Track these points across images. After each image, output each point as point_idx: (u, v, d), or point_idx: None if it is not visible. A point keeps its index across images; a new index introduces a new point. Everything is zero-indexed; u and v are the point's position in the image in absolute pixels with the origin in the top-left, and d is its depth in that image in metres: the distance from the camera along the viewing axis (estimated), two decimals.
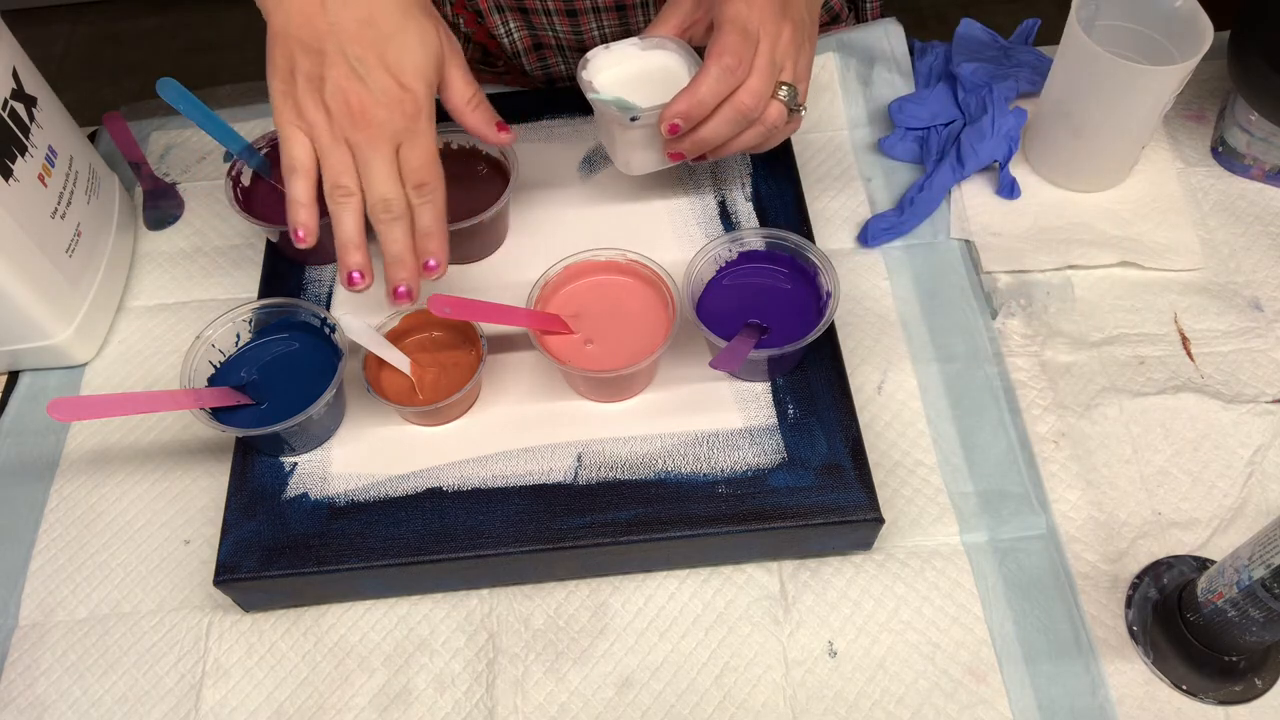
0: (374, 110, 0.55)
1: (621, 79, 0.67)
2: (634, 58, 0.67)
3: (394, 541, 0.59)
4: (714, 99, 0.60)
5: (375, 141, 0.56)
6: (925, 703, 0.58)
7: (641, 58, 0.67)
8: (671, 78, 0.66)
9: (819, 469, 0.61)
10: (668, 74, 0.66)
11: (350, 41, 0.55)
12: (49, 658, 0.61)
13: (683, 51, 0.67)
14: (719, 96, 0.60)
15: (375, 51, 0.55)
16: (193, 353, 0.63)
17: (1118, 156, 0.76)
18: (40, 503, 0.67)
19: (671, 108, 0.60)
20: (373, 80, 0.55)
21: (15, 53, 0.67)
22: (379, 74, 0.55)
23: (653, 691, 0.59)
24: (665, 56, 0.67)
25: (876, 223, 0.75)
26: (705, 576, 0.62)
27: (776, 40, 0.60)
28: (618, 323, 0.65)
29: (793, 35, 0.61)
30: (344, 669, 0.60)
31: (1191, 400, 0.67)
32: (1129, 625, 0.59)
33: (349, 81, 0.55)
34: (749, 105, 0.60)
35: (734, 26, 0.59)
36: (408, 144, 0.57)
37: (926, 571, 0.62)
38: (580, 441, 0.63)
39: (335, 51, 0.55)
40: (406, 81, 0.56)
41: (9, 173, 0.63)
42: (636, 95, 0.64)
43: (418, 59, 0.56)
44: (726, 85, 0.60)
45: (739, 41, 0.59)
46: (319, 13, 0.55)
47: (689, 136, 0.62)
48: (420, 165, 0.57)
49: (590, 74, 0.66)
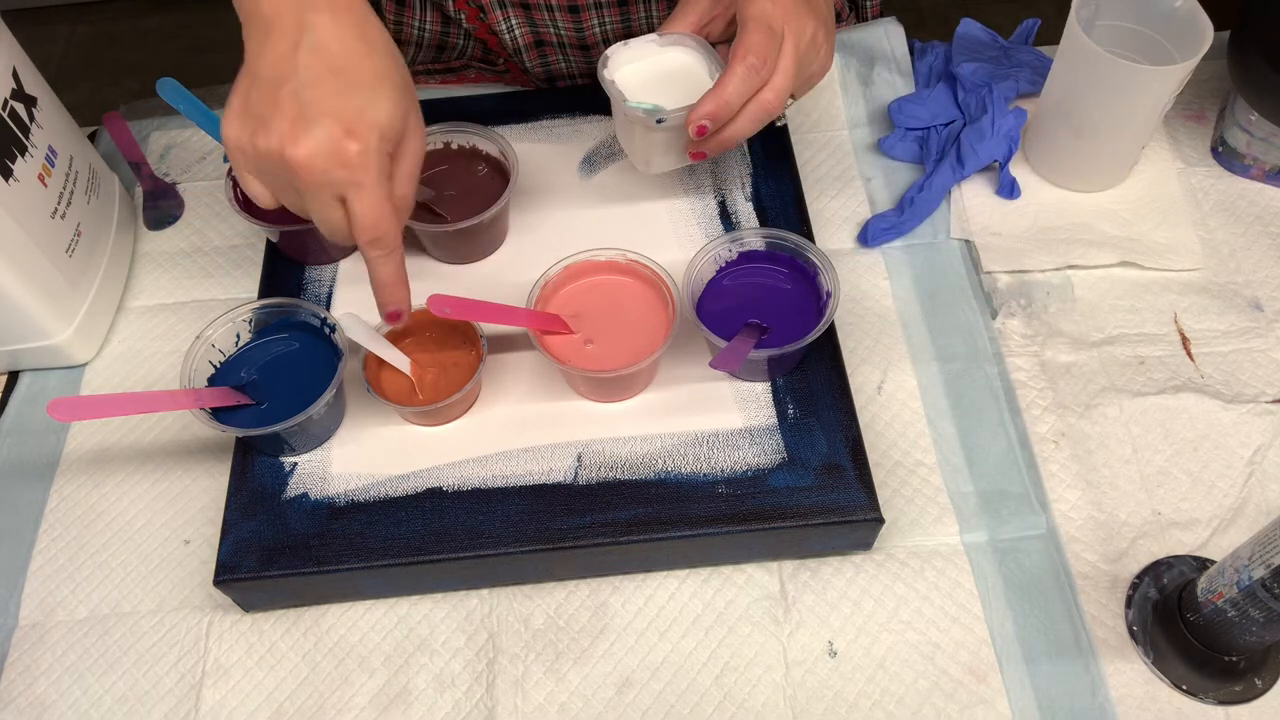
0: (313, 160, 0.51)
1: (641, 76, 0.66)
2: (653, 54, 0.67)
3: (394, 541, 0.59)
4: (740, 99, 0.60)
5: (312, 191, 0.52)
6: (925, 703, 0.58)
7: (660, 55, 0.67)
8: (691, 76, 0.66)
9: (819, 469, 0.61)
10: (687, 72, 0.66)
11: (308, 86, 0.51)
12: (49, 658, 0.61)
13: (701, 49, 0.67)
14: (745, 97, 0.60)
15: (335, 101, 0.51)
16: (193, 353, 0.63)
17: (1118, 156, 0.76)
18: (40, 503, 0.67)
19: (699, 109, 0.60)
20: (318, 128, 0.50)
21: (15, 53, 0.67)
22: (327, 122, 0.50)
23: (653, 691, 0.59)
24: (684, 54, 0.67)
25: (876, 223, 0.75)
26: (705, 576, 0.62)
27: (801, 36, 0.60)
28: (618, 323, 0.65)
29: (816, 29, 0.61)
30: (344, 669, 0.60)
31: (1191, 400, 0.67)
32: (1129, 625, 0.59)
33: (292, 129, 0.51)
34: (774, 103, 0.60)
35: (759, 25, 0.59)
36: (352, 195, 0.52)
37: (926, 571, 0.62)
38: (580, 441, 0.63)
39: (289, 96, 0.51)
40: (358, 130, 0.51)
41: (9, 173, 0.63)
42: (656, 94, 0.64)
43: (380, 115, 0.52)
44: (752, 85, 0.60)
45: (764, 40, 0.59)
46: (288, 55, 0.51)
47: (714, 137, 0.62)
48: (369, 222, 0.53)
49: (611, 71, 0.66)
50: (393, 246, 0.55)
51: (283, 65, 0.51)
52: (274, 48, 0.51)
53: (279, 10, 0.51)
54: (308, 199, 0.53)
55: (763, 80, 0.60)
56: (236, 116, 0.53)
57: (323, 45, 0.51)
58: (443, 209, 0.70)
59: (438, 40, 0.89)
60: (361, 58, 0.52)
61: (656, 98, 0.64)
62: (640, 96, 0.65)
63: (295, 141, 0.50)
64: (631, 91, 0.66)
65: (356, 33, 0.52)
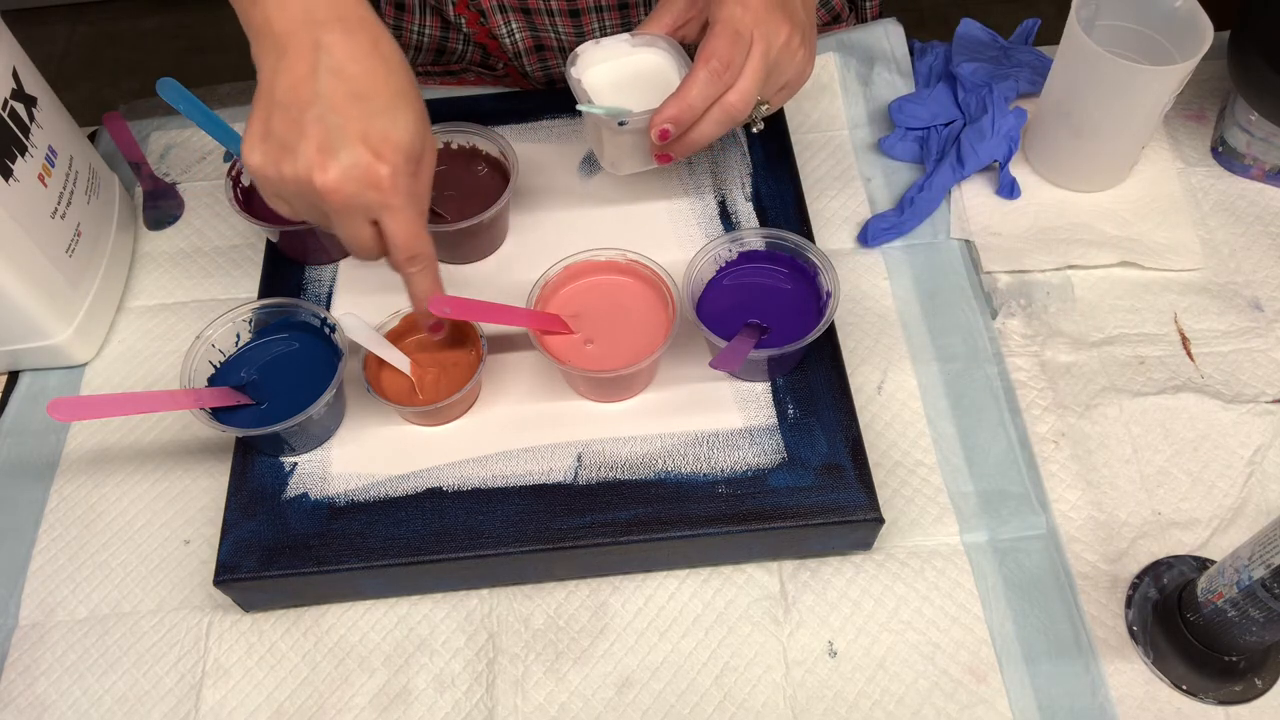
0: (343, 185, 0.51)
1: (610, 76, 0.66)
2: (624, 55, 0.67)
3: (394, 541, 0.59)
4: (703, 103, 0.60)
5: (343, 214, 0.53)
6: (925, 703, 0.58)
7: (631, 55, 0.67)
8: (661, 77, 0.66)
9: (819, 469, 0.61)
10: (657, 73, 0.66)
11: (332, 111, 0.51)
12: (49, 658, 0.61)
13: (673, 51, 0.66)
14: (708, 100, 0.60)
15: (360, 125, 0.51)
16: (193, 353, 0.63)
17: (1118, 156, 0.76)
18: (40, 503, 0.67)
19: (661, 113, 0.60)
20: (346, 154, 0.51)
21: (15, 53, 0.67)
22: (355, 147, 0.51)
23: (653, 691, 0.59)
24: (655, 55, 0.67)
25: (876, 223, 0.75)
26: (705, 576, 0.62)
27: (772, 42, 0.60)
28: (618, 323, 0.65)
29: (790, 35, 0.61)
30: (344, 669, 0.60)
31: (1191, 400, 0.67)
32: (1129, 625, 0.59)
33: (319, 155, 0.51)
34: (738, 107, 0.60)
35: (726, 29, 0.59)
36: (386, 218, 0.54)
37: (926, 571, 0.62)
38: (580, 441, 0.63)
39: (314, 121, 0.51)
40: (384, 153, 0.52)
41: (9, 173, 0.63)
42: (624, 95, 0.64)
43: (403, 136, 0.52)
44: (715, 89, 0.59)
45: (729, 44, 0.59)
46: (307, 79, 0.51)
47: (679, 141, 0.62)
48: (404, 241, 0.55)
49: (579, 70, 0.66)
50: (428, 262, 0.57)
51: (303, 89, 0.51)
52: (291, 69, 0.51)
53: (291, 30, 0.51)
54: (337, 222, 0.54)
55: (726, 84, 0.59)
56: (259, 141, 0.52)
57: (341, 67, 0.51)
58: (443, 209, 0.70)
59: (437, 44, 0.89)
60: (381, 79, 0.52)
61: (625, 98, 0.64)
62: (608, 97, 0.65)
63: (324, 168, 0.51)
64: (600, 91, 0.65)
65: (372, 50, 0.52)
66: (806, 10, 0.63)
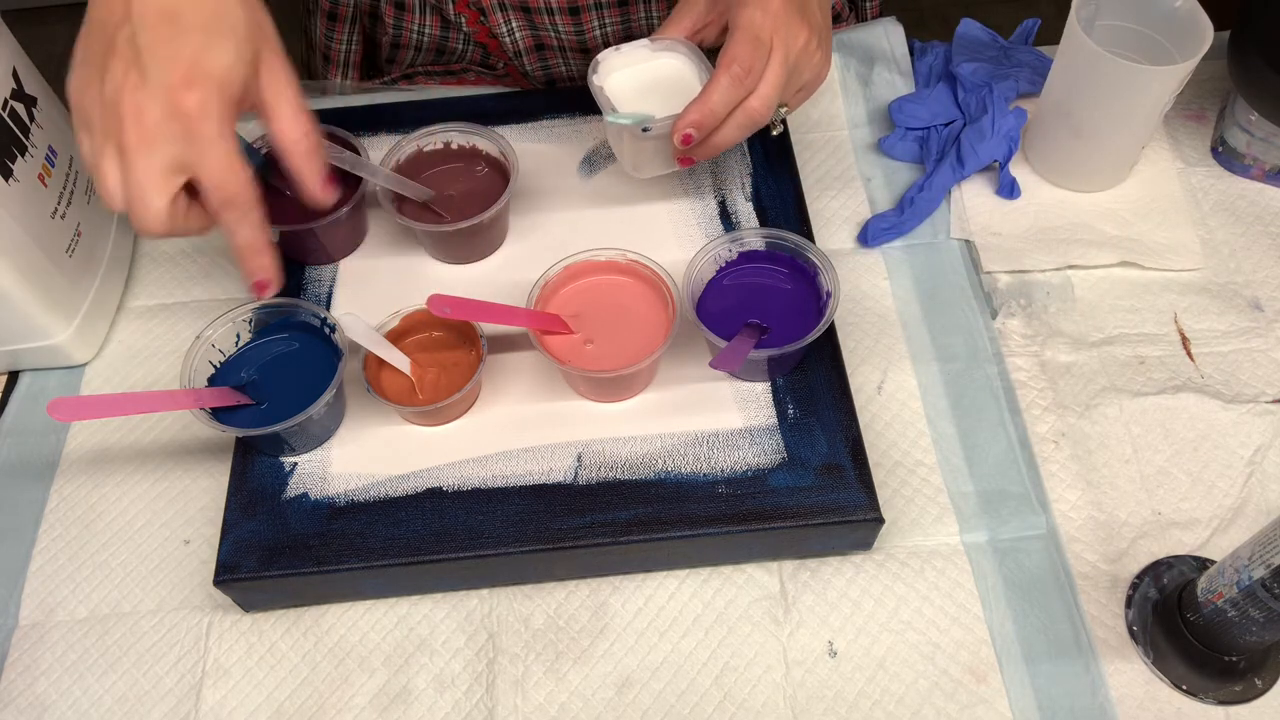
0: (148, 112, 0.48)
1: (632, 82, 0.67)
2: (644, 60, 0.67)
3: (394, 541, 0.59)
4: (725, 108, 0.60)
5: (143, 148, 0.48)
6: (925, 703, 0.58)
7: (652, 60, 0.67)
8: (682, 82, 0.66)
9: (819, 469, 0.61)
10: (678, 78, 0.67)
11: (144, 29, 0.48)
12: (49, 658, 0.61)
13: (693, 55, 0.67)
14: (730, 105, 0.60)
15: (169, 46, 0.48)
16: (193, 353, 0.63)
17: (1118, 156, 0.76)
18: (40, 503, 0.67)
19: (684, 118, 0.60)
20: (155, 76, 0.47)
21: (15, 53, 0.66)
22: (166, 68, 0.47)
23: (653, 691, 0.59)
24: (676, 60, 0.67)
25: (876, 223, 0.75)
26: (705, 576, 0.62)
27: (791, 46, 0.60)
28: (618, 323, 0.65)
29: (809, 39, 0.61)
30: (344, 669, 0.60)
31: (1191, 400, 0.67)
32: (1129, 625, 0.59)
33: (126, 76, 0.48)
34: (760, 111, 0.61)
35: (746, 34, 0.59)
36: (194, 155, 0.49)
37: (926, 571, 0.62)
38: (580, 441, 0.63)
39: (125, 41, 0.48)
40: (195, 80, 0.48)
41: (9, 173, 0.63)
42: (646, 100, 0.64)
43: (220, 60, 0.49)
44: (737, 94, 0.60)
45: (750, 49, 0.59)
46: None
47: (701, 145, 0.62)
48: (217, 182, 0.49)
49: (601, 77, 0.66)
50: (247, 207, 0.51)
51: (116, 6, 0.48)
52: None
53: None
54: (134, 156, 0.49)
55: (748, 89, 0.60)
56: (78, 65, 0.50)
57: None
58: (443, 209, 0.70)
59: (437, 44, 0.89)
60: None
61: (646, 104, 0.64)
62: (630, 102, 0.66)
63: (135, 90, 0.48)
64: (622, 97, 0.66)
65: None
66: (823, 12, 0.64)
